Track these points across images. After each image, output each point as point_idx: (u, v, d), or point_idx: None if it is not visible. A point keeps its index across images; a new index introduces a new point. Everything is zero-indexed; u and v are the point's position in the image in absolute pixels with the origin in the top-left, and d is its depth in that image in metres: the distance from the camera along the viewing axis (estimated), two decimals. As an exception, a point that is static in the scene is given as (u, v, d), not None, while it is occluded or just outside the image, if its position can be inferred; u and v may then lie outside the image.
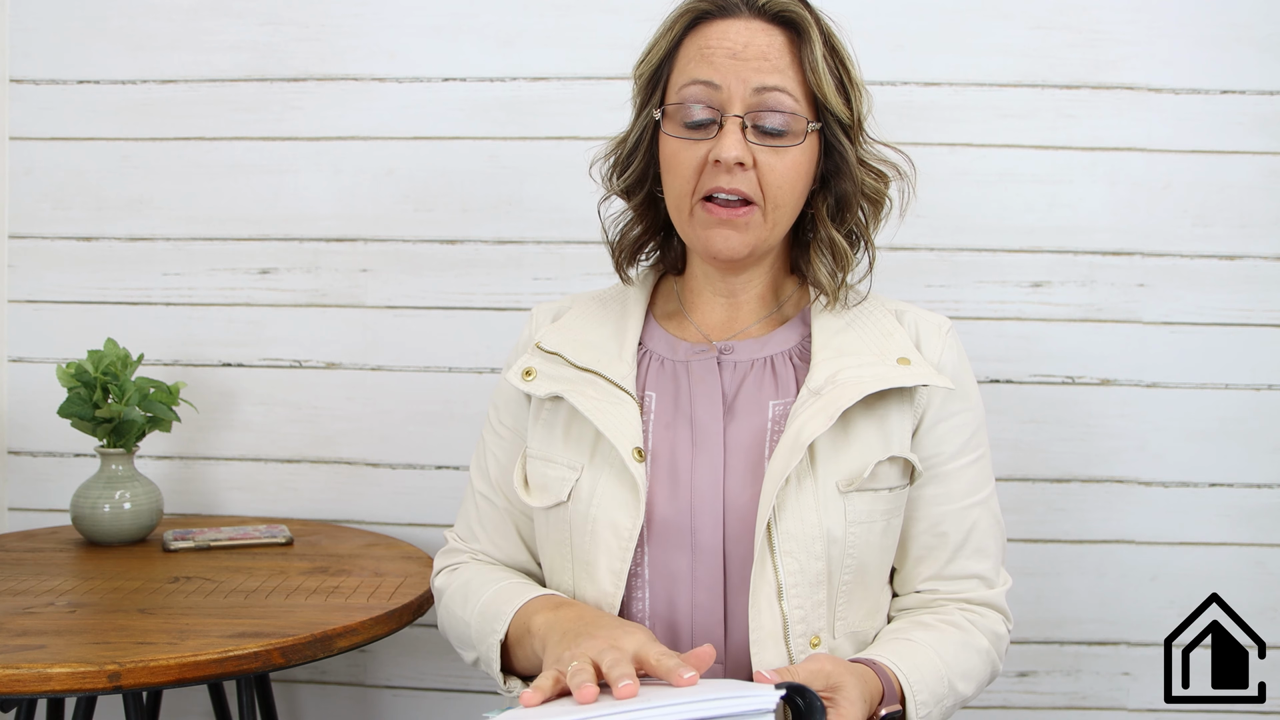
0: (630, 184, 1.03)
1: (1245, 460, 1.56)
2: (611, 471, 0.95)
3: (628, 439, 0.94)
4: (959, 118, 1.55)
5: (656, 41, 0.99)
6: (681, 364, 1.00)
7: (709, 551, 0.93)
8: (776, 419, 0.96)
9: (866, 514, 0.94)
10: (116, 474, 1.47)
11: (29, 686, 0.98)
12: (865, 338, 0.99)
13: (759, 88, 0.92)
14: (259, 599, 1.22)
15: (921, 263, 1.57)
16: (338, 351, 1.64)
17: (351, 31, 1.61)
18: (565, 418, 0.99)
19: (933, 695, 0.90)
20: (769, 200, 0.94)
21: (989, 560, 1.01)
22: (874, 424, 0.95)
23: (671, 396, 0.99)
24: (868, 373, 0.95)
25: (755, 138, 0.93)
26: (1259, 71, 1.53)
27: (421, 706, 1.66)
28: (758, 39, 0.93)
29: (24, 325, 1.67)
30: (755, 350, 1.00)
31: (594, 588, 0.94)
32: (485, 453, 1.08)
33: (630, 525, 0.93)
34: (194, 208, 1.64)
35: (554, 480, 0.98)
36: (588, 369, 0.99)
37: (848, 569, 0.93)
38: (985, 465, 1.02)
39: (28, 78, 1.65)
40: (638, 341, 1.02)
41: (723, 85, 0.93)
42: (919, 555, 1.00)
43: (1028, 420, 1.57)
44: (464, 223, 1.61)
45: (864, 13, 1.56)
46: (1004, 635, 1.02)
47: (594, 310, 1.06)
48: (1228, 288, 1.55)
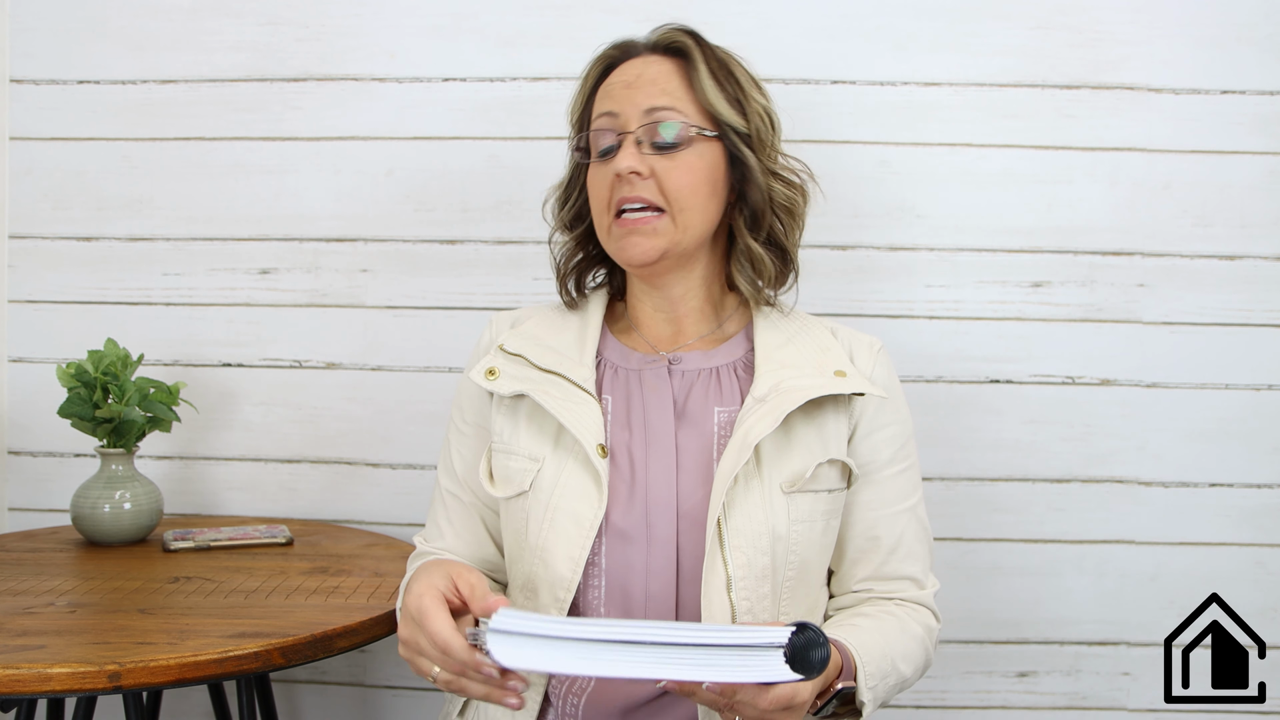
0: (570, 218, 1.15)
1: (1245, 460, 1.56)
2: (575, 464, 1.02)
3: (592, 435, 1.01)
4: (959, 118, 1.55)
5: (578, 90, 1.12)
6: (634, 372, 1.08)
7: (663, 545, 1.00)
8: (723, 425, 1.04)
9: (808, 513, 1.01)
10: (116, 474, 1.47)
11: (29, 686, 0.98)
12: (804, 352, 1.07)
13: (649, 108, 1.03)
14: (259, 599, 1.22)
15: (921, 263, 1.57)
16: (338, 351, 1.64)
17: (351, 31, 1.61)
18: (527, 414, 1.06)
19: (879, 671, 0.97)
20: (673, 204, 1.03)
21: (919, 563, 1.10)
22: (813, 429, 1.03)
23: (625, 401, 1.06)
24: (808, 382, 1.03)
25: (650, 150, 1.03)
26: (1259, 72, 1.53)
27: (421, 706, 1.66)
28: (649, 69, 1.06)
29: (24, 325, 1.67)
30: (702, 361, 1.08)
31: (548, 572, 1.00)
32: (450, 451, 1.14)
33: (591, 516, 0.99)
34: (194, 208, 1.64)
35: (516, 471, 1.04)
36: (551, 370, 1.06)
37: (791, 564, 1.00)
38: (914, 474, 1.11)
39: (28, 78, 1.65)
40: (595, 350, 1.09)
41: (620, 112, 1.04)
42: (854, 558, 1.09)
43: (1028, 420, 1.57)
44: (464, 223, 1.61)
45: (864, 13, 1.56)
46: (934, 628, 1.10)
47: (554, 319, 1.14)
48: (1228, 288, 1.55)
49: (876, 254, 1.57)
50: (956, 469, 1.57)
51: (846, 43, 1.56)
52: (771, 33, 1.56)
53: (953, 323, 1.56)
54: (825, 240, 1.55)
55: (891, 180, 1.56)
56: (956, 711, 1.60)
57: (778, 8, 1.56)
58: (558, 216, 1.16)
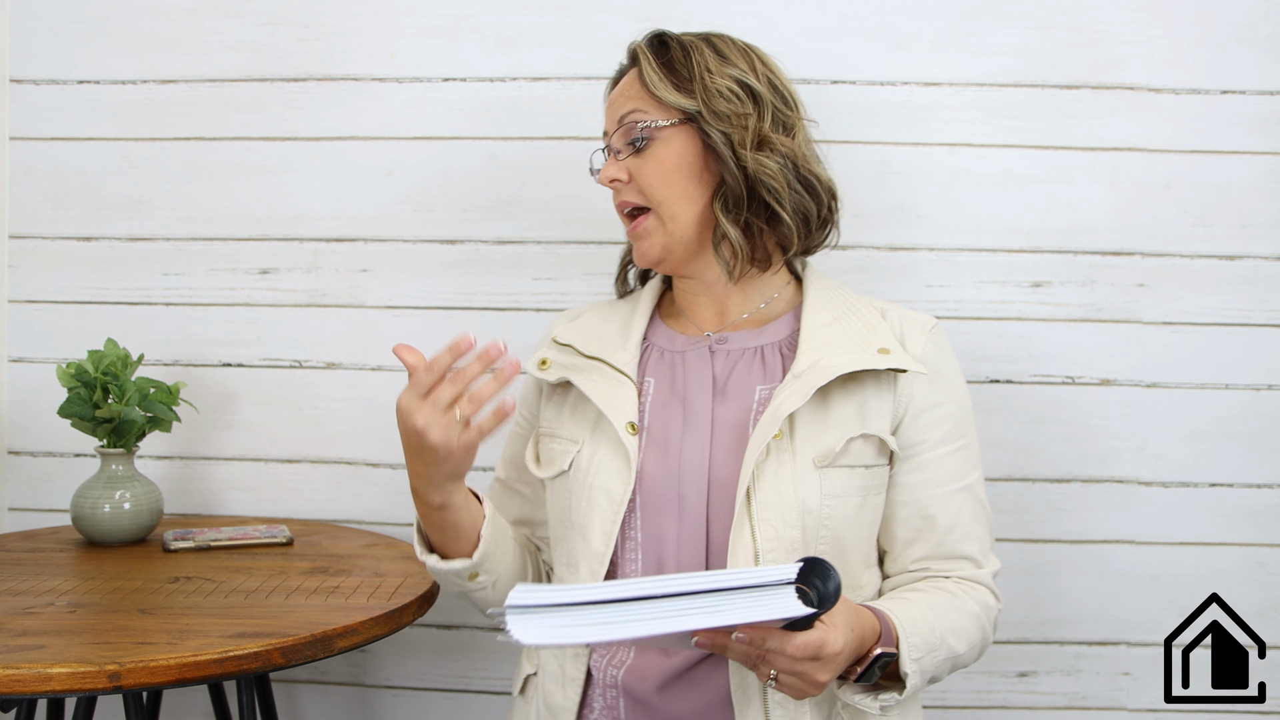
0: None
1: (1245, 460, 1.56)
2: (608, 444, 1.06)
3: (622, 414, 1.05)
4: (959, 118, 1.55)
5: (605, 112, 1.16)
6: (678, 354, 1.11)
7: (694, 517, 1.03)
8: (762, 400, 1.06)
9: (842, 488, 1.01)
10: (116, 474, 1.47)
11: (29, 686, 0.98)
12: (849, 330, 1.08)
13: (619, 117, 1.09)
14: (259, 599, 1.22)
15: (921, 263, 1.57)
16: (338, 351, 1.64)
17: (351, 31, 1.61)
18: (572, 400, 1.11)
19: (925, 643, 0.96)
20: (651, 199, 1.07)
21: (976, 543, 1.08)
22: (852, 405, 1.04)
23: (668, 381, 1.10)
24: (845, 360, 1.03)
25: (627, 154, 1.08)
26: (1259, 72, 1.53)
27: (421, 706, 1.66)
28: (623, 84, 1.11)
29: (24, 325, 1.67)
30: (748, 340, 1.10)
31: (586, 547, 1.05)
32: (508, 442, 1.25)
33: (621, 491, 1.03)
34: (194, 208, 1.64)
35: (558, 453, 1.10)
36: (595, 357, 1.11)
37: (823, 539, 1.01)
38: (971, 454, 1.09)
39: (28, 78, 1.65)
40: (642, 336, 1.14)
41: (607, 129, 1.12)
42: (908, 538, 1.07)
43: (1028, 420, 1.57)
44: (464, 223, 1.61)
45: (864, 13, 1.56)
46: (993, 607, 1.08)
47: (607, 311, 1.20)
48: (1228, 288, 1.55)
49: (876, 254, 1.57)
50: (956, 469, 1.57)
51: (846, 43, 1.56)
52: (772, 33, 1.55)
53: (953, 323, 1.56)
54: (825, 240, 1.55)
55: (891, 180, 1.56)
56: (957, 711, 1.60)
57: (778, 8, 1.56)
58: None
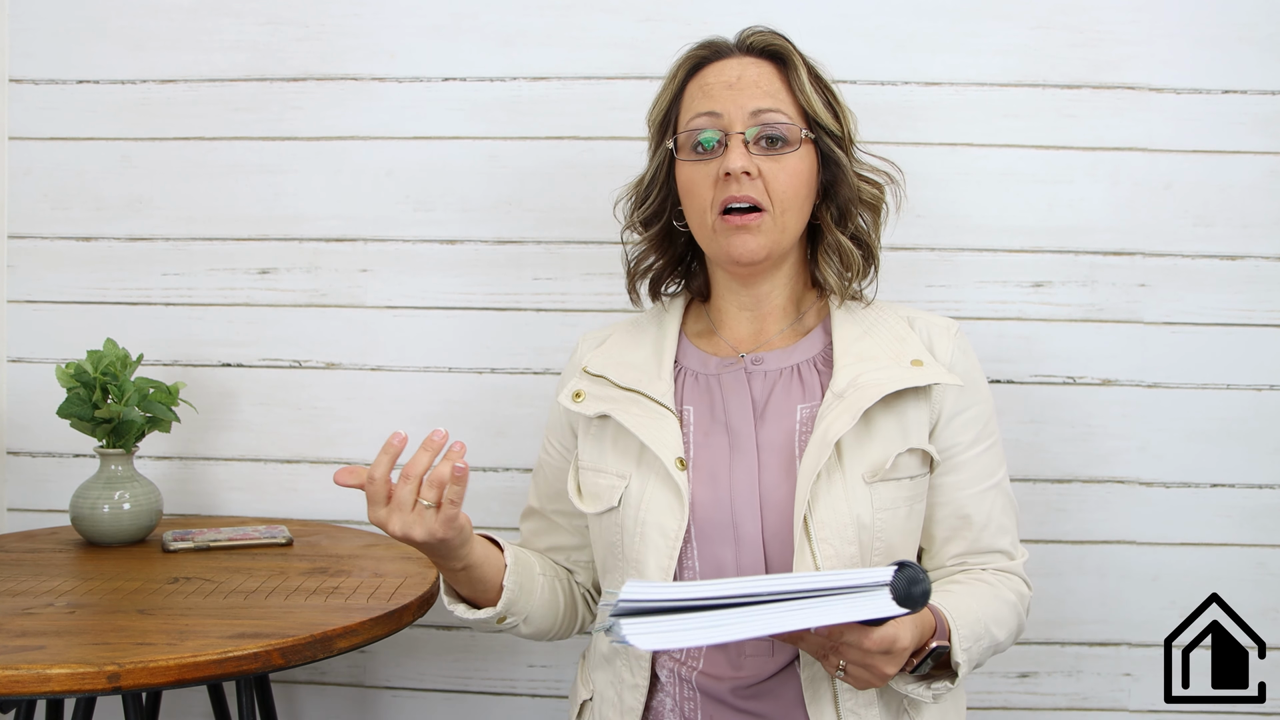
0: (649, 215, 1.16)
1: (1246, 461, 1.55)
2: (657, 479, 1.06)
3: (670, 450, 1.05)
4: (959, 118, 1.55)
5: (664, 89, 1.14)
6: (714, 377, 1.11)
7: (750, 543, 1.04)
8: (804, 421, 1.07)
9: (891, 501, 1.04)
10: (116, 474, 1.46)
11: (28, 687, 0.98)
12: (881, 344, 1.10)
13: (755, 110, 1.06)
14: (259, 599, 1.22)
15: (921, 263, 1.57)
16: (338, 351, 1.64)
17: (351, 31, 1.61)
18: (612, 433, 1.10)
19: (972, 633, 1.00)
20: (776, 204, 1.06)
21: (1008, 536, 1.12)
22: (893, 420, 1.05)
23: (708, 408, 1.10)
24: (885, 375, 1.05)
25: (757, 150, 1.06)
26: (1260, 71, 1.53)
27: (421, 707, 1.65)
28: (749, 71, 1.08)
29: (24, 325, 1.67)
30: (782, 360, 1.11)
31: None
32: (539, 468, 1.24)
33: (675, 527, 1.03)
34: (194, 208, 1.64)
35: (605, 489, 1.09)
36: (631, 389, 1.11)
37: (878, 551, 1.03)
38: (997, 451, 1.13)
39: (28, 78, 1.65)
40: (674, 360, 1.13)
41: (724, 113, 1.06)
42: (945, 537, 1.11)
43: (1028, 421, 1.56)
44: (464, 223, 1.61)
45: (864, 13, 1.56)
46: (1026, 595, 1.12)
47: (632, 335, 1.18)
48: (1229, 288, 1.54)
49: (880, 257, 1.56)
50: (957, 469, 1.57)
51: (846, 43, 1.56)
52: (772, 32, 1.56)
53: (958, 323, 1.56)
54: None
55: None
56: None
57: (778, 8, 1.55)
58: (632, 215, 1.18)
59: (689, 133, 1.08)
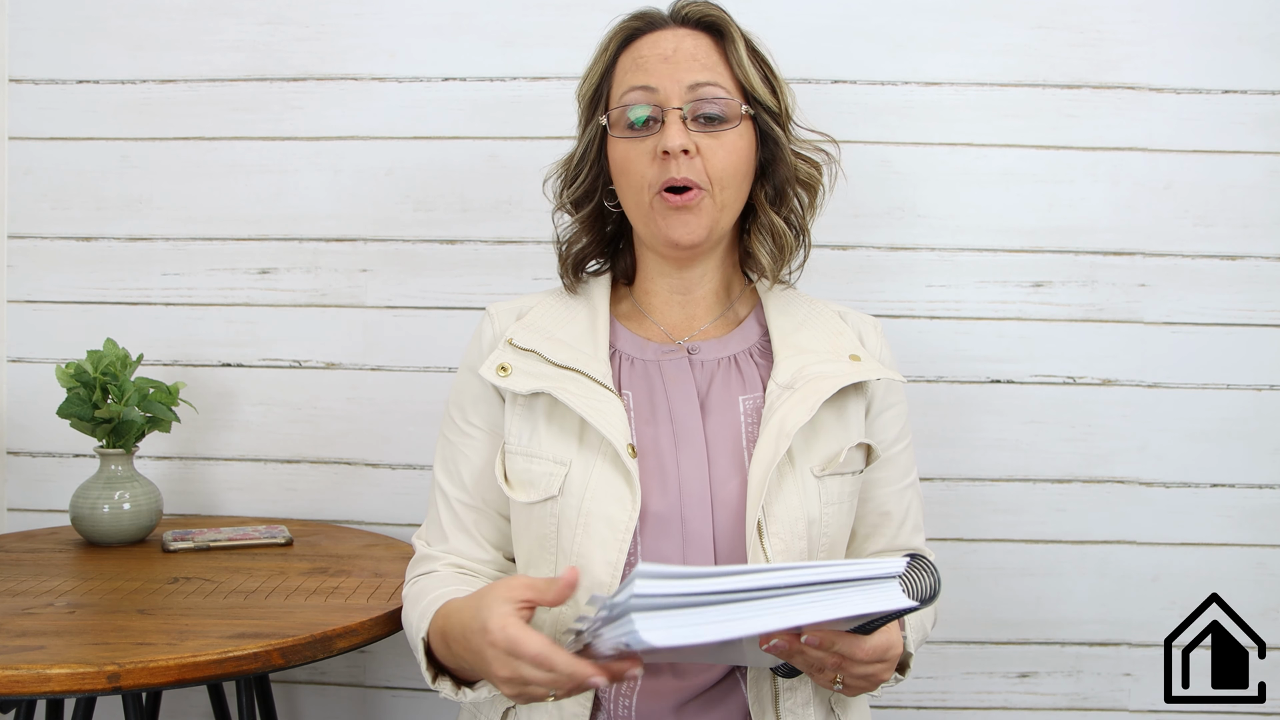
0: (579, 196, 1.10)
1: (1246, 461, 1.55)
2: (604, 466, 0.98)
3: (621, 435, 0.98)
4: (959, 118, 1.55)
5: (594, 62, 1.08)
6: (653, 363, 1.06)
7: (699, 539, 0.99)
8: (749, 413, 1.03)
9: (838, 495, 1.02)
10: (116, 474, 1.46)
11: (28, 687, 0.98)
12: (819, 336, 1.08)
13: (692, 84, 1.01)
14: (259, 599, 1.22)
15: (921, 263, 1.57)
16: (337, 351, 1.64)
17: (351, 31, 1.61)
18: (545, 412, 1.02)
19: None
20: (715, 183, 1.01)
21: (921, 534, 1.15)
22: (835, 413, 1.04)
23: (647, 395, 1.04)
24: (830, 368, 1.03)
25: (695, 127, 1.01)
26: (1261, 71, 1.53)
27: (421, 707, 1.65)
28: (685, 43, 1.03)
29: (23, 325, 1.67)
30: (719, 350, 1.07)
31: (587, 579, 0.97)
32: (454, 455, 1.09)
33: (625, 519, 0.97)
34: (194, 208, 1.64)
35: (540, 475, 1.00)
36: (569, 367, 1.03)
37: (823, 547, 1.01)
38: (912, 449, 1.14)
39: (28, 78, 1.65)
40: (608, 341, 1.07)
41: (659, 87, 1.01)
42: (866, 534, 1.11)
43: (1028, 420, 1.56)
44: (464, 223, 1.61)
45: (864, 13, 1.56)
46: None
47: (558, 310, 1.10)
48: (1229, 288, 1.54)
49: (877, 254, 1.57)
50: (957, 469, 1.57)
51: (846, 43, 1.56)
52: (772, 32, 1.55)
53: (953, 322, 1.56)
54: (826, 240, 1.55)
55: (892, 180, 1.56)
56: (957, 712, 1.60)
57: (778, 7, 1.56)
58: (562, 194, 1.12)
59: (622, 108, 1.02)
